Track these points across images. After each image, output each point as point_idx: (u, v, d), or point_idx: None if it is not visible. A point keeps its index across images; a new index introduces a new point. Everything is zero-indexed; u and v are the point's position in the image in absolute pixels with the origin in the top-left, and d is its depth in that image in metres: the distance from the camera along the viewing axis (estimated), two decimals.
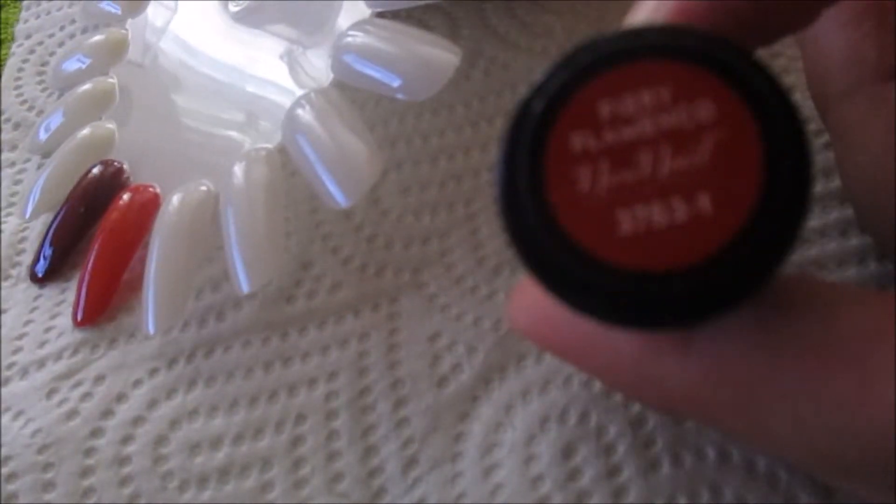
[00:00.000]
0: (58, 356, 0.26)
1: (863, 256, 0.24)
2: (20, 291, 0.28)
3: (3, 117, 0.34)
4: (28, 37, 0.37)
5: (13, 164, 0.32)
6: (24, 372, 0.26)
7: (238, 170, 0.26)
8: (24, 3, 0.38)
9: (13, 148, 0.33)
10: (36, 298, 0.28)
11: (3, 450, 0.24)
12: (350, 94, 0.26)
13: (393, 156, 0.29)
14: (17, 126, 0.33)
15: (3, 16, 0.37)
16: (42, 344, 0.27)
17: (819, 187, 0.25)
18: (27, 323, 0.28)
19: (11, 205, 0.31)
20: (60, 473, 0.24)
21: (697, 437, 0.22)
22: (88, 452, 0.24)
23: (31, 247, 0.30)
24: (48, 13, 0.37)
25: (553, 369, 0.23)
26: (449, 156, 0.28)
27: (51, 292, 0.28)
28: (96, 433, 0.24)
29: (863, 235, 0.24)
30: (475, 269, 0.26)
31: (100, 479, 0.24)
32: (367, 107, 0.30)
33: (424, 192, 0.28)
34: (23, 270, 0.29)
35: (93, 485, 0.23)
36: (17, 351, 0.27)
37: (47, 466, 0.24)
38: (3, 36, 0.36)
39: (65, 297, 0.28)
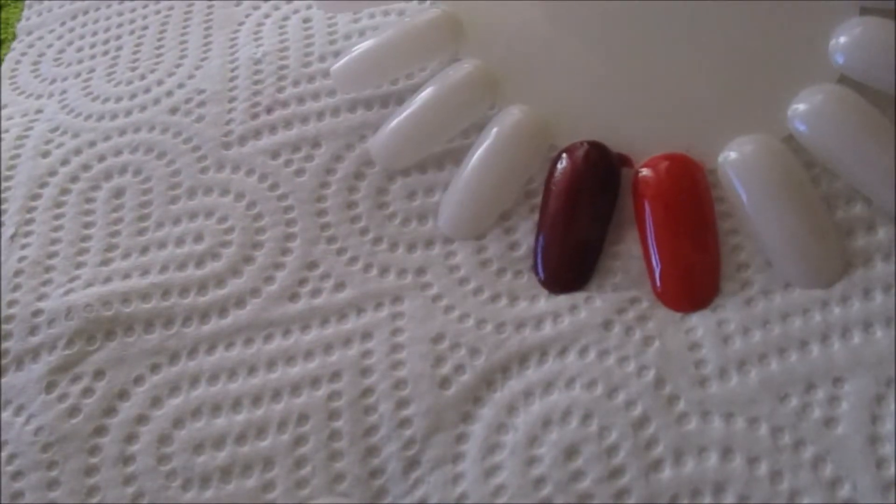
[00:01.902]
0: (52, 346, 0.26)
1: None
2: None
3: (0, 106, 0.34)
4: (29, 33, 0.36)
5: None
6: (20, 362, 0.26)
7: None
8: (27, 2, 0.38)
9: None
10: (17, 274, 0.28)
11: (9, 447, 0.24)
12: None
13: None
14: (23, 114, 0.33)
15: (3, 16, 0.37)
16: (33, 330, 0.27)
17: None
18: (12, 304, 0.27)
19: (11, 167, 0.31)
20: (65, 472, 0.24)
21: (700, 438, 0.22)
22: (92, 451, 0.24)
23: None
24: (50, 10, 0.37)
25: (556, 371, 0.24)
26: (455, 161, 0.28)
27: (32, 269, 0.28)
28: (100, 431, 0.24)
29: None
30: (478, 271, 0.26)
31: (104, 478, 0.24)
32: (374, 107, 0.30)
33: (429, 196, 0.28)
34: None
35: (97, 483, 0.24)
36: (7, 337, 0.27)
37: (52, 465, 0.24)
38: (3, 35, 0.36)
39: (50, 277, 0.28)
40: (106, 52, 0.34)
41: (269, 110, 0.30)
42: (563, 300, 0.25)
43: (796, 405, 0.22)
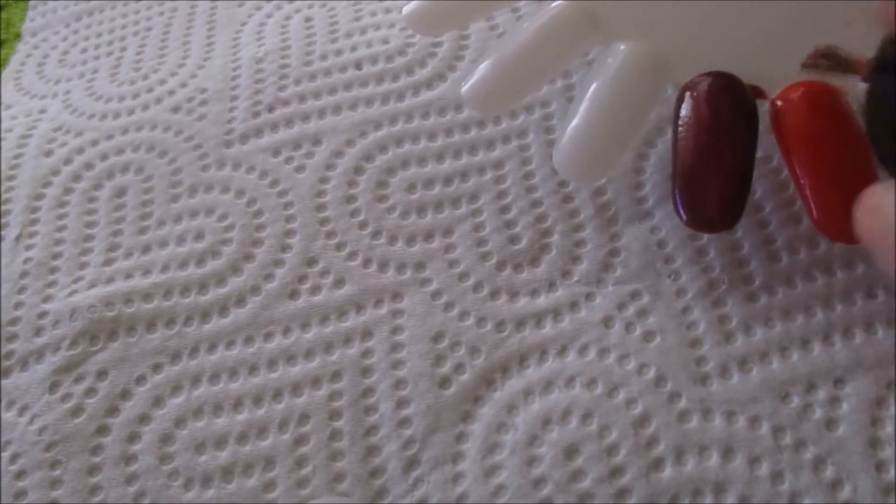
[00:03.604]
0: (56, 347, 0.26)
1: None
2: (4, 267, 0.28)
3: (2, 106, 0.34)
4: (34, 34, 0.37)
5: None
6: (24, 363, 0.26)
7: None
8: (31, 2, 0.38)
9: None
10: (22, 276, 0.28)
11: (13, 447, 0.24)
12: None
13: (399, 154, 0.29)
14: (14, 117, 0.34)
15: (4, 16, 0.37)
16: (38, 331, 0.27)
17: None
18: (18, 306, 0.28)
19: (14, 167, 0.31)
20: (68, 471, 0.24)
21: (701, 437, 0.22)
22: (95, 450, 0.24)
23: None
24: (55, 12, 0.37)
25: (555, 370, 0.23)
26: (455, 153, 0.28)
27: (37, 271, 0.28)
28: (102, 430, 0.24)
29: None
30: (478, 265, 0.26)
31: (106, 477, 0.24)
32: (374, 104, 0.30)
33: (429, 188, 0.28)
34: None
35: (99, 482, 0.24)
36: (12, 338, 0.27)
37: (55, 464, 0.24)
38: (4, 36, 0.36)
39: (55, 279, 0.28)
40: (110, 53, 0.35)
41: (270, 109, 0.30)
42: (563, 297, 0.25)
43: (798, 405, 0.22)
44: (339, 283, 0.26)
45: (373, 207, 0.28)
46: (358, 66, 0.31)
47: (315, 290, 0.26)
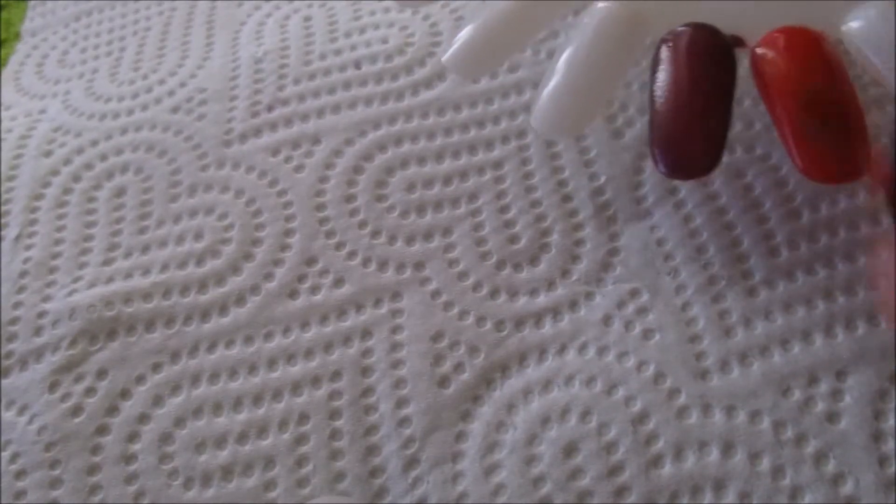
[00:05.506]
0: (55, 347, 0.26)
1: None
2: (3, 267, 0.28)
3: (2, 106, 0.34)
4: (34, 34, 0.37)
5: None
6: (24, 363, 0.26)
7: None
8: (31, 3, 0.38)
9: None
10: (22, 276, 0.28)
11: (12, 447, 0.24)
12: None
13: (398, 153, 0.29)
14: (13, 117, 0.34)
15: (4, 16, 0.37)
16: (37, 331, 0.27)
17: None
18: (17, 305, 0.28)
19: (14, 167, 0.31)
20: (67, 471, 0.24)
21: (701, 433, 0.22)
22: (95, 450, 0.24)
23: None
24: (54, 12, 0.37)
25: (555, 369, 0.23)
26: (454, 153, 0.28)
27: (36, 270, 0.28)
28: (102, 430, 0.24)
29: None
30: (477, 264, 0.26)
31: (106, 477, 0.24)
32: (374, 104, 0.30)
33: (428, 188, 0.28)
34: None
35: (99, 482, 0.24)
36: (12, 338, 0.27)
37: (55, 463, 0.24)
38: (4, 36, 0.37)
39: (54, 278, 0.28)
40: (109, 53, 0.35)
41: (269, 108, 0.31)
42: (563, 296, 0.25)
43: (799, 398, 0.22)
44: (338, 282, 0.26)
45: (372, 207, 0.28)
46: (357, 65, 0.31)
47: (315, 289, 0.26)
